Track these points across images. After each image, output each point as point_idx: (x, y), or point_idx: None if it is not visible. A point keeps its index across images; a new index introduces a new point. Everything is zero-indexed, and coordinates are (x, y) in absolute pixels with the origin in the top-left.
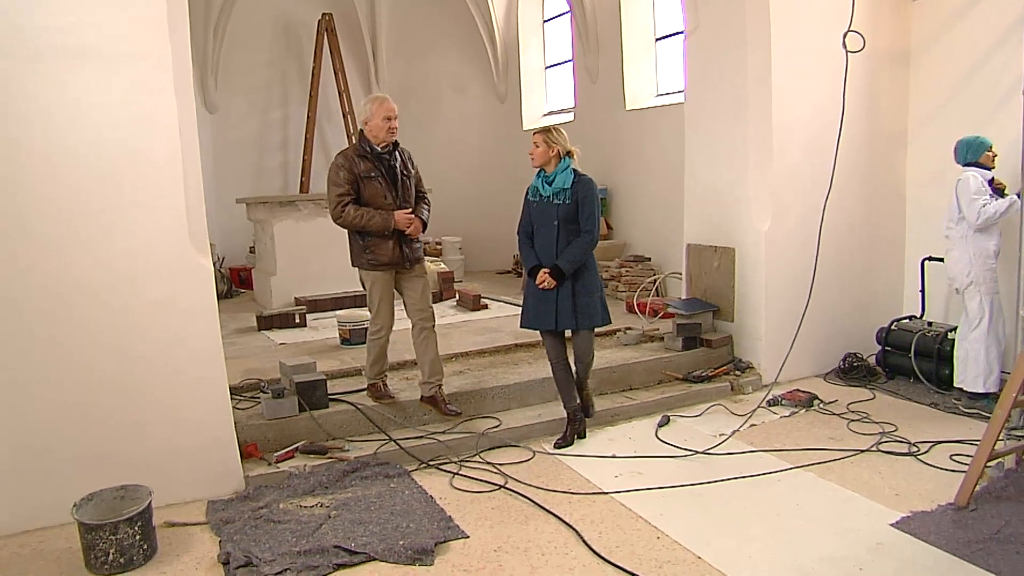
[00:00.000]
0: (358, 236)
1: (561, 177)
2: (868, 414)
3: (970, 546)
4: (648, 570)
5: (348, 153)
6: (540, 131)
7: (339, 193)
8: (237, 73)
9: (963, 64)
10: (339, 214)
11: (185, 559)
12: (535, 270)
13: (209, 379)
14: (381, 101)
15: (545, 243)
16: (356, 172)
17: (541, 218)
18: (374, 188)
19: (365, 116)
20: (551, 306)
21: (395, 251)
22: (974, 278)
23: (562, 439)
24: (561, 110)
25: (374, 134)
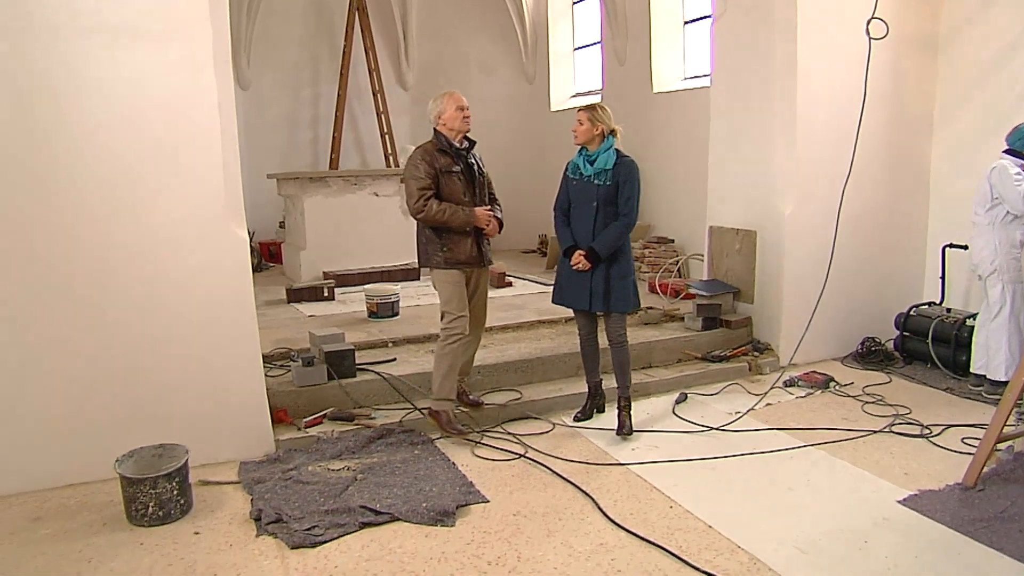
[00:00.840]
0: (434, 233)
1: (604, 157)
2: (883, 397)
3: (974, 524)
4: (660, 536)
5: (427, 147)
6: (585, 108)
7: (421, 187)
8: (269, 51)
9: (992, 51)
10: (421, 208)
11: (219, 514)
12: (571, 250)
13: (243, 346)
14: (450, 93)
15: (582, 223)
16: (436, 166)
17: (580, 197)
18: (453, 184)
19: (437, 111)
20: (585, 287)
21: (473, 249)
22: (998, 266)
23: (581, 412)
24: (589, 92)
25: (450, 127)
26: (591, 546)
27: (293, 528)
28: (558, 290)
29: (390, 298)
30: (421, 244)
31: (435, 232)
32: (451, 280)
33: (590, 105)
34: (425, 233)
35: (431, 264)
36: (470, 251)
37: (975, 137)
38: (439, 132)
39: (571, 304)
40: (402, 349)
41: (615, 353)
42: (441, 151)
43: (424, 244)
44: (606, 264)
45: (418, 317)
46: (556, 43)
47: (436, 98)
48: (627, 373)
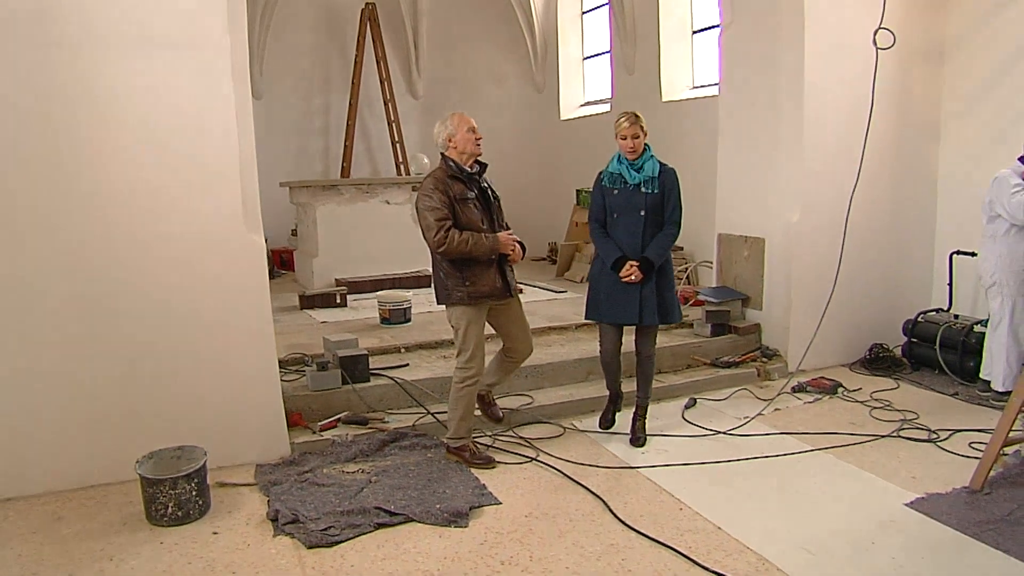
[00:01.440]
0: (453, 267)
1: (650, 164)
2: (891, 402)
3: (980, 526)
4: (669, 537)
5: (437, 175)
6: (632, 120)
7: (439, 217)
8: (282, 60)
9: (998, 61)
10: (443, 240)
11: (236, 515)
12: (620, 262)
13: (259, 351)
14: (459, 115)
15: (629, 233)
16: (451, 194)
17: (624, 207)
18: (470, 212)
19: (447, 134)
20: (634, 300)
21: (497, 280)
22: (997, 279)
23: (607, 420)
24: (598, 101)
25: (461, 150)
26: (602, 547)
27: (310, 528)
28: (595, 306)
29: (402, 305)
30: (439, 279)
31: (454, 265)
32: (471, 317)
33: (634, 115)
34: (443, 267)
35: (452, 300)
36: (494, 282)
37: (982, 145)
38: (448, 157)
39: (616, 319)
40: (414, 355)
41: (645, 365)
42: (453, 178)
43: (443, 279)
44: (656, 275)
45: (430, 323)
46: (565, 52)
47: (443, 120)
48: (651, 383)
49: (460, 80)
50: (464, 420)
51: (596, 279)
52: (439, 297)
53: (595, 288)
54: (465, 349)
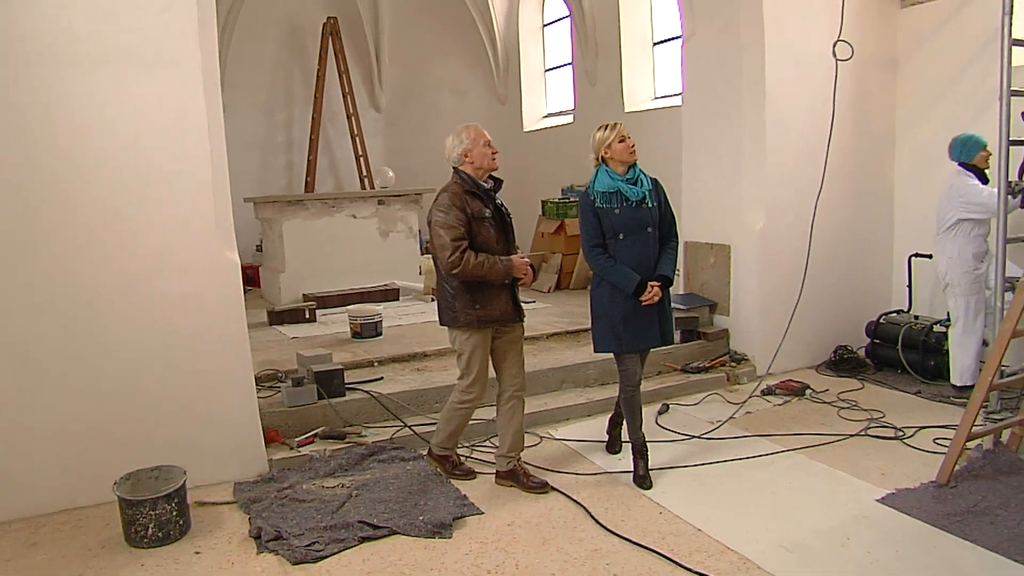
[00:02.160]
0: (464, 288)
1: (643, 177)
2: (857, 402)
3: (948, 518)
4: (652, 541)
5: (454, 190)
6: (619, 125)
7: (456, 236)
8: (243, 75)
9: (947, 70)
10: (457, 262)
11: (218, 534)
12: (642, 286)
13: (235, 368)
14: (474, 128)
15: (638, 253)
16: (468, 212)
17: (630, 226)
18: (486, 232)
19: (463, 149)
20: (653, 321)
21: (508, 304)
22: (951, 280)
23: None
24: (560, 112)
25: (478, 165)
26: (586, 552)
27: (294, 545)
28: (613, 338)
29: (373, 319)
30: (445, 300)
31: (465, 286)
32: (477, 342)
33: (618, 124)
34: (451, 287)
35: (459, 324)
36: (505, 306)
37: (934, 151)
38: (462, 172)
39: (642, 346)
40: (388, 368)
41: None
42: (470, 193)
43: (450, 300)
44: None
45: (401, 336)
46: (527, 64)
47: (457, 133)
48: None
49: (423, 93)
50: (454, 435)
51: (608, 307)
52: (443, 318)
53: (608, 318)
54: (468, 373)
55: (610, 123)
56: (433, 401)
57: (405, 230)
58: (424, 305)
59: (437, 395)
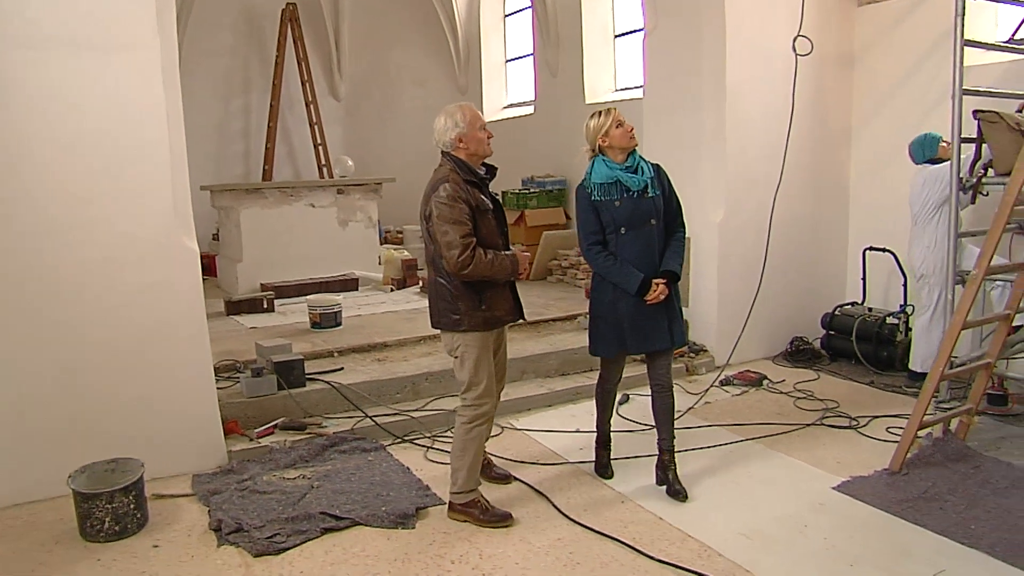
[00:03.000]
0: (468, 288)
1: (643, 164)
2: (813, 392)
3: (901, 504)
4: (614, 529)
5: (455, 179)
6: (614, 110)
7: (465, 233)
8: (199, 61)
9: (901, 68)
10: (468, 261)
11: (176, 527)
12: (647, 284)
13: (194, 358)
14: (468, 108)
15: (642, 248)
16: (472, 204)
17: (632, 218)
18: (489, 225)
19: (457, 133)
20: (661, 320)
21: (511, 301)
22: (926, 270)
23: (603, 467)
24: (521, 103)
25: (472, 151)
26: (549, 541)
27: (255, 537)
28: (616, 339)
29: (333, 308)
30: (444, 302)
31: (470, 286)
32: (483, 344)
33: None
34: (451, 287)
35: (462, 327)
36: (509, 304)
37: (888, 147)
38: (456, 158)
39: (648, 347)
40: (348, 358)
41: (665, 399)
42: (470, 183)
43: (450, 301)
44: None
45: (361, 326)
46: (488, 55)
47: (450, 114)
48: (674, 421)
49: (383, 82)
50: (473, 470)
51: (610, 308)
52: (442, 322)
53: (610, 319)
54: (477, 383)
55: (603, 109)
56: (394, 392)
57: (364, 219)
58: (384, 295)
59: (398, 385)
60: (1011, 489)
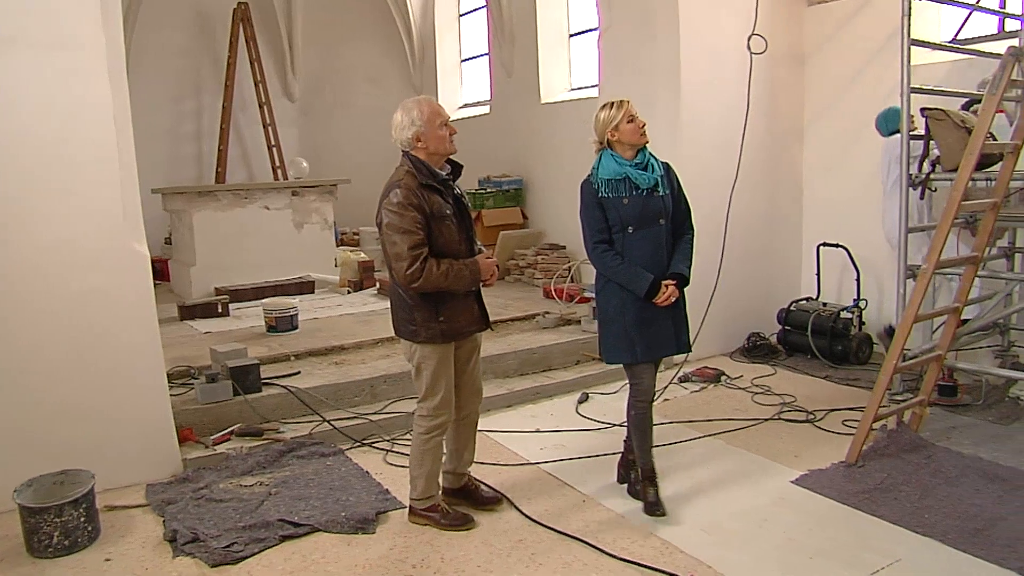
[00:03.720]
0: (425, 298)
1: (653, 161)
2: (770, 387)
3: (857, 496)
4: (575, 529)
5: (408, 183)
6: (626, 102)
7: (414, 244)
8: (149, 61)
9: (850, 67)
10: (418, 274)
11: (130, 539)
12: (656, 287)
13: (146, 365)
14: (428, 103)
15: (651, 249)
16: (427, 211)
17: (641, 218)
18: (448, 232)
19: (414, 131)
20: (667, 325)
21: (475, 309)
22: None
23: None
24: (477, 103)
25: (433, 150)
26: (511, 543)
27: (212, 546)
28: (627, 346)
29: (288, 312)
30: (403, 310)
31: (428, 297)
32: (441, 355)
33: (625, 101)
34: (408, 297)
35: (419, 339)
36: (472, 314)
37: (839, 144)
38: (415, 158)
39: (657, 354)
40: (305, 362)
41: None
42: (427, 187)
43: (408, 310)
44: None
45: (318, 330)
46: (444, 54)
47: (408, 110)
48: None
49: (337, 82)
50: (432, 477)
51: (618, 313)
52: (400, 331)
53: (619, 324)
54: (433, 393)
55: (616, 101)
56: (352, 395)
57: (320, 221)
58: (340, 298)
59: (356, 389)
60: (961, 478)
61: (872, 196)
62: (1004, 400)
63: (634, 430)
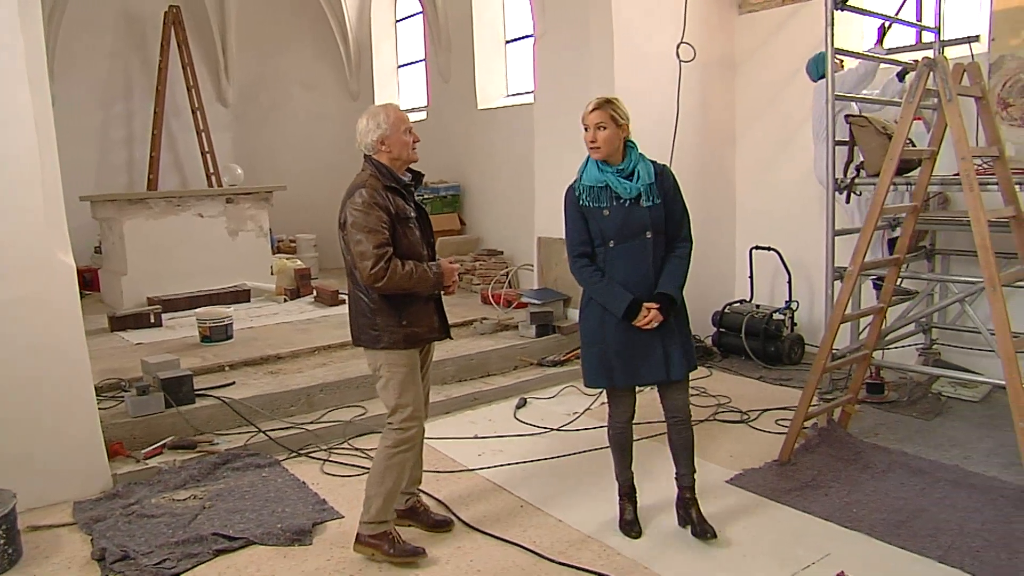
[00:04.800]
0: (388, 302)
1: (643, 167)
2: (706, 389)
3: (790, 493)
4: (514, 535)
5: (374, 185)
6: (601, 105)
7: (379, 243)
8: (75, 65)
9: (779, 74)
10: (383, 273)
11: (55, 560)
12: (635, 308)
13: (73, 379)
14: (395, 109)
15: (634, 265)
16: (392, 211)
17: (622, 231)
18: (411, 235)
19: (379, 135)
20: (655, 350)
21: (435, 317)
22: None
23: (631, 526)
24: (414, 108)
25: (396, 155)
26: (449, 550)
27: (142, 564)
28: (605, 370)
29: (223, 321)
30: (363, 316)
31: (389, 300)
32: (408, 363)
33: (606, 99)
34: (370, 301)
35: (381, 344)
36: (433, 320)
37: (770, 150)
38: (377, 162)
39: (639, 380)
40: (240, 372)
41: (681, 432)
42: (391, 189)
43: (369, 316)
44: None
45: (253, 339)
46: (380, 60)
47: (373, 115)
48: (693, 455)
49: (272, 88)
50: (391, 498)
51: (596, 333)
52: (361, 339)
53: (597, 345)
54: (403, 405)
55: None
56: (288, 404)
57: (255, 229)
58: (277, 306)
59: (292, 398)
60: (887, 473)
61: (803, 201)
62: (927, 396)
63: (612, 449)
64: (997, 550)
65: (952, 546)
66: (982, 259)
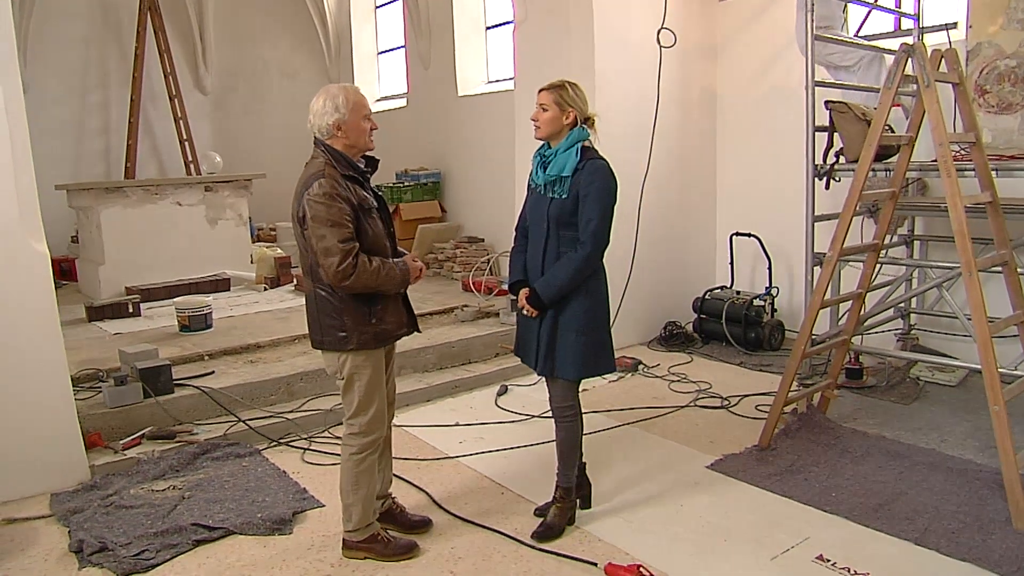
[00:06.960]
0: (356, 299)
1: (562, 158)
2: (686, 375)
3: (770, 478)
4: (496, 521)
5: (333, 174)
6: (551, 87)
7: (344, 237)
8: (49, 51)
9: (760, 61)
10: (351, 270)
11: (31, 553)
12: (517, 286)
13: (48, 368)
14: (354, 92)
15: (533, 252)
16: (354, 203)
17: (532, 215)
18: (375, 227)
19: (336, 119)
20: (532, 339)
21: (403, 311)
22: None
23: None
24: (394, 95)
25: (352, 142)
26: (431, 538)
27: (121, 555)
28: (517, 338)
29: (202, 310)
30: (328, 317)
31: (358, 297)
32: (375, 364)
33: (559, 83)
34: (334, 299)
35: (350, 346)
36: (401, 315)
37: (750, 136)
38: (332, 148)
39: (525, 361)
40: (219, 361)
41: (558, 428)
42: (349, 178)
43: (336, 316)
44: (555, 311)
45: (233, 328)
46: (360, 47)
47: (330, 96)
48: (569, 459)
49: (249, 74)
50: (369, 501)
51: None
52: (325, 341)
53: (517, 316)
54: (365, 408)
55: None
56: (268, 393)
57: (235, 217)
58: (257, 294)
59: (272, 387)
60: (866, 457)
61: (783, 187)
62: (905, 381)
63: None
64: (972, 531)
65: (928, 528)
66: (959, 244)
